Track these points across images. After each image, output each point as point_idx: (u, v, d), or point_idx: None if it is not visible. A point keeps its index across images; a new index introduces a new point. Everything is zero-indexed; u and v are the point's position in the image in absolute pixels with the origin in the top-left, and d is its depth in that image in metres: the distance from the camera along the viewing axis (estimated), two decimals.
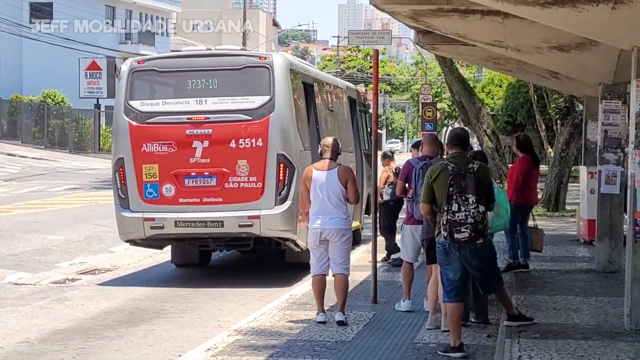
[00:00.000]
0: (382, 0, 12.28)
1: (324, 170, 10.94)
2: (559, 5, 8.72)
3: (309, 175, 11.00)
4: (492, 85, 64.97)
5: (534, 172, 14.52)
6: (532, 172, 14.37)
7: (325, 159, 11.06)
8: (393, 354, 9.50)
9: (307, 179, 11.03)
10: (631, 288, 9.64)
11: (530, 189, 14.36)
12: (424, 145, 11.37)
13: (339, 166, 11.05)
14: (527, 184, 14.22)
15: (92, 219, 23.33)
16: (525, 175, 14.18)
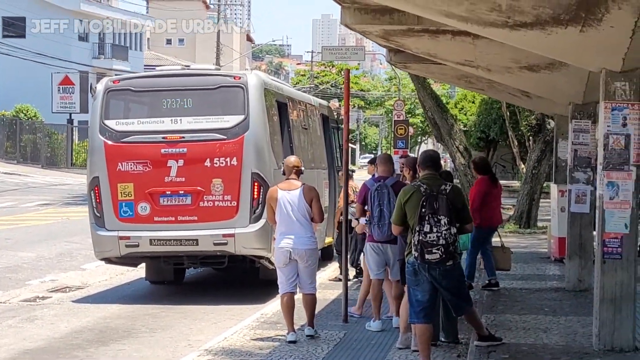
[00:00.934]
0: (354, 20, 12.38)
1: (289, 190, 11.07)
2: (527, 27, 8.80)
3: (274, 196, 11.09)
4: (465, 101, 65.33)
5: (494, 191, 14.66)
6: (491, 191, 14.51)
7: (289, 178, 11.18)
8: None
9: (272, 199, 11.12)
10: (599, 308, 9.72)
11: (492, 209, 14.48)
12: (378, 165, 11.54)
13: (304, 185, 11.15)
14: (489, 204, 14.34)
15: (64, 236, 23.25)
16: (484, 196, 14.30)
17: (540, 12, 8.18)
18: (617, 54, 8.98)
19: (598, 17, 7.97)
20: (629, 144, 9.60)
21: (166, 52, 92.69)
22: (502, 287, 14.49)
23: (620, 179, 9.60)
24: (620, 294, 9.70)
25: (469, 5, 8.39)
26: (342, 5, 12.14)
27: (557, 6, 7.98)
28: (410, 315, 9.34)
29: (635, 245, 9.79)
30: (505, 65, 13.30)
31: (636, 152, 9.63)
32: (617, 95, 9.56)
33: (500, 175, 55.41)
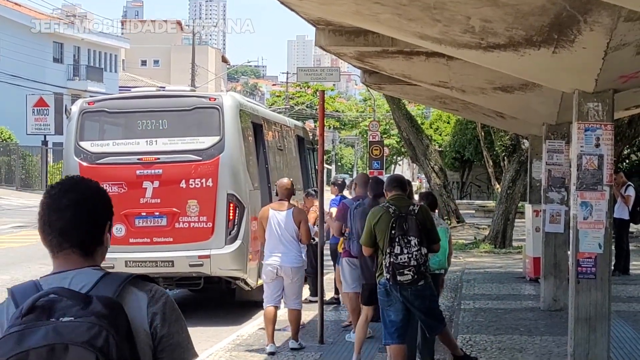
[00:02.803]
0: (328, 42, 12.42)
1: (279, 211, 11.72)
2: (500, 49, 8.86)
3: (266, 215, 11.77)
4: (440, 121, 65.63)
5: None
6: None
7: (281, 200, 11.81)
8: None
9: (263, 218, 11.81)
10: (574, 328, 9.76)
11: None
12: (357, 186, 12.08)
13: (294, 208, 11.83)
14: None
15: (39, 258, 23.07)
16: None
17: (513, 33, 8.24)
18: (590, 75, 9.05)
19: (570, 39, 8.03)
20: (602, 164, 9.67)
21: (141, 74, 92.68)
22: (478, 308, 14.52)
23: (593, 199, 9.66)
24: (595, 313, 9.74)
25: (442, 27, 8.44)
26: (317, 27, 12.18)
27: (529, 28, 8.04)
28: (385, 336, 9.36)
29: (609, 264, 9.85)
30: (480, 86, 13.38)
31: (609, 172, 9.70)
32: (590, 116, 9.63)
33: (476, 195, 55.70)
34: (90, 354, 2.63)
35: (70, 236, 2.92)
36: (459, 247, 25.83)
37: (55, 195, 2.92)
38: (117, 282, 2.88)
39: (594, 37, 7.86)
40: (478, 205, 46.28)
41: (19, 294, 2.83)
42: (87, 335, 2.64)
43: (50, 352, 2.63)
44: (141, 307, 2.85)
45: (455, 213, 33.89)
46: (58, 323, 2.67)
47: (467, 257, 23.56)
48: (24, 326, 2.67)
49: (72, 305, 2.71)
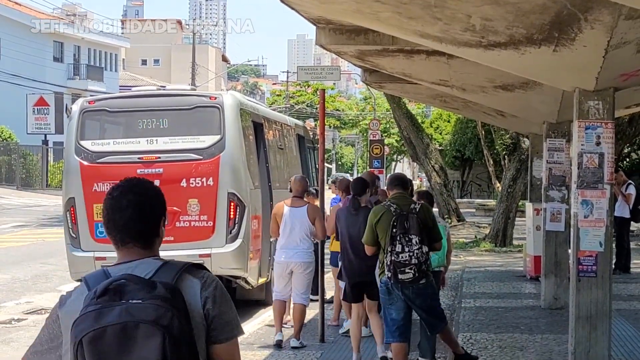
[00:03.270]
0: (329, 41, 12.42)
1: (294, 207, 12.04)
2: (501, 47, 8.86)
3: (280, 211, 12.11)
4: (441, 120, 65.59)
5: None
6: None
7: (295, 196, 12.10)
8: None
9: (278, 214, 12.15)
10: (575, 326, 9.76)
11: None
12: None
13: (308, 205, 12.10)
14: None
15: (39, 257, 23.13)
16: None
17: (514, 32, 8.24)
18: (591, 73, 9.05)
19: (571, 37, 8.03)
20: (602, 162, 9.67)
21: (141, 73, 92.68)
22: (479, 306, 14.51)
23: (594, 197, 9.66)
24: (596, 311, 9.74)
25: (443, 26, 8.44)
26: (317, 26, 12.19)
27: (530, 26, 8.04)
28: (386, 334, 9.38)
29: (610, 263, 9.85)
30: (480, 85, 13.38)
31: (610, 170, 9.70)
32: (590, 114, 9.63)
33: (476, 194, 55.71)
34: (157, 331, 3.07)
35: (130, 232, 3.37)
36: (459, 246, 25.85)
37: (116, 196, 3.39)
38: (175, 270, 3.30)
39: (595, 35, 7.86)
40: (478, 204, 46.30)
41: (91, 279, 3.31)
42: (155, 315, 3.08)
43: (123, 329, 3.07)
44: (195, 291, 3.28)
45: (455, 212, 33.88)
46: (129, 304, 3.10)
47: (467, 256, 23.56)
48: (100, 306, 3.11)
49: (139, 289, 3.14)
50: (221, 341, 3.33)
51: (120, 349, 3.08)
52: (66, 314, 3.31)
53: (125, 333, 3.08)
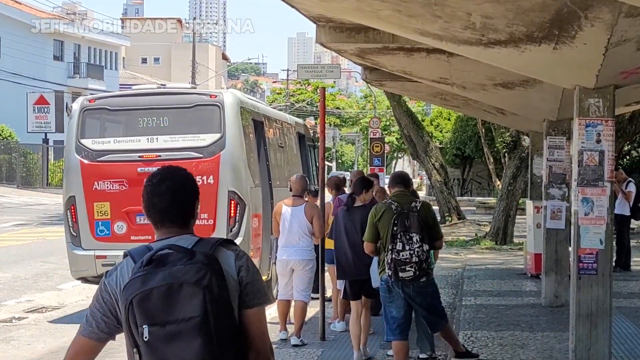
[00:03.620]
0: (329, 39, 12.42)
1: (293, 206, 12.15)
2: (501, 45, 8.86)
3: (279, 210, 12.25)
4: (441, 118, 65.60)
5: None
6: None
7: (294, 195, 12.21)
8: None
9: (277, 213, 12.29)
10: (576, 324, 9.76)
11: None
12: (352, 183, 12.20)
13: (306, 203, 12.16)
14: None
15: (40, 256, 23.14)
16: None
17: (514, 30, 8.24)
18: (591, 71, 9.05)
19: (571, 35, 8.03)
20: (603, 160, 9.67)
21: (141, 71, 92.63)
22: (479, 304, 14.52)
23: (594, 195, 9.66)
24: (596, 309, 9.75)
25: (443, 24, 8.44)
26: (318, 24, 12.19)
27: (530, 24, 8.04)
28: (387, 332, 9.38)
29: (610, 260, 9.85)
30: (480, 83, 13.38)
31: (610, 168, 9.70)
32: (591, 111, 9.63)
33: (477, 192, 55.71)
34: (198, 290, 3.51)
35: (169, 214, 3.84)
36: (460, 244, 25.86)
37: (156, 183, 3.89)
38: (211, 243, 3.74)
39: (595, 33, 7.86)
40: (479, 201, 46.32)
41: (135, 253, 3.76)
42: (196, 277, 3.53)
43: (168, 290, 3.52)
44: (230, 261, 3.71)
45: (456, 210, 33.89)
46: (172, 268, 3.57)
47: (468, 254, 23.56)
48: (145, 272, 3.58)
49: (181, 257, 3.59)
50: (252, 306, 3.72)
51: (165, 307, 3.52)
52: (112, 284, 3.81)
53: (170, 293, 3.52)
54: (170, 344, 3.53)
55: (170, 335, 3.53)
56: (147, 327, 3.54)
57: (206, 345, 3.51)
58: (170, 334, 3.53)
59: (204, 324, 3.51)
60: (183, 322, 3.52)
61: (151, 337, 3.54)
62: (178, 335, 3.52)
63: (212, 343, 3.52)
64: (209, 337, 3.52)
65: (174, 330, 3.52)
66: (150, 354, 3.55)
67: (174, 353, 3.51)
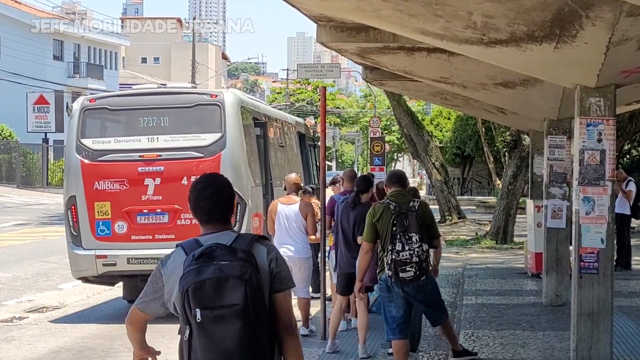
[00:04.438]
0: (329, 38, 12.42)
1: (287, 204, 12.28)
2: (502, 44, 8.86)
3: (275, 209, 12.38)
4: (441, 117, 65.54)
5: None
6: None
7: (289, 194, 12.36)
8: None
9: (272, 211, 12.41)
10: (577, 323, 9.77)
11: None
12: (344, 181, 12.68)
13: (301, 201, 12.25)
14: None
15: (40, 256, 23.15)
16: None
17: (515, 29, 8.24)
18: (592, 70, 9.05)
19: (572, 34, 8.03)
20: (604, 159, 9.67)
21: (141, 71, 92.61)
22: (480, 303, 14.51)
23: (596, 194, 9.66)
24: (598, 308, 9.75)
25: (444, 23, 8.44)
26: (318, 24, 12.18)
27: (531, 23, 8.04)
28: (387, 332, 9.38)
29: (611, 259, 9.85)
30: (481, 82, 13.38)
31: (611, 167, 9.70)
32: (592, 111, 9.63)
33: (477, 191, 55.70)
34: (242, 283, 4.35)
35: (213, 214, 4.63)
36: (460, 243, 25.86)
37: (201, 189, 4.65)
38: (248, 239, 4.56)
39: (596, 32, 7.86)
40: (479, 201, 46.29)
41: (187, 246, 4.56)
42: (239, 272, 4.36)
43: (217, 281, 4.34)
44: (263, 255, 4.54)
45: (456, 209, 33.89)
46: (220, 264, 4.37)
47: (468, 253, 23.56)
48: (198, 265, 4.38)
49: (225, 253, 4.41)
50: (280, 291, 4.57)
51: (215, 295, 4.33)
52: (167, 271, 4.62)
53: (219, 284, 4.33)
54: (217, 324, 4.36)
55: (217, 317, 4.35)
56: (199, 310, 4.36)
57: (245, 326, 4.35)
58: (217, 316, 4.35)
59: (245, 311, 4.34)
60: (228, 308, 4.34)
61: (203, 319, 4.36)
62: (224, 318, 4.35)
63: (249, 324, 4.36)
64: (248, 320, 4.35)
65: (221, 314, 4.35)
66: (201, 331, 4.39)
67: (220, 331, 4.35)
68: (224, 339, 4.37)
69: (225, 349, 4.38)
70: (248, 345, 4.38)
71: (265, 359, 4.49)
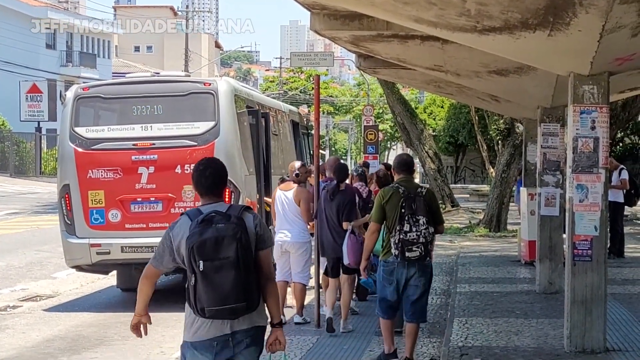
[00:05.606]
0: (323, 26, 12.41)
1: (285, 191, 12.53)
2: (496, 32, 8.86)
3: (274, 195, 12.73)
4: (434, 106, 65.59)
5: None
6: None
7: (287, 181, 12.61)
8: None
9: (273, 198, 12.80)
10: (570, 310, 9.79)
11: None
12: (327, 169, 13.04)
13: (296, 187, 12.43)
14: None
15: (34, 244, 23.13)
16: None
17: (509, 16, 8.24)
18: (585, 57, 9.06)
19: (566, 22, 8.03)
20: (597, 147, 9.69)
21: (134, 59, 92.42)
22: (474, 291, 14.54)
23: (589, 181, 9.68)
24: (591, 296, 9.78)
25: (438, 10, 8.43)
26: (312, 11, 12.16)
27: (525, 11, 8.03)
28: (378, 309, 9.81)
29: (605, 247, 9.87)
30: (474, 70, 13.37)
31: (604, 155, 9.72)
32: (585, 98, 9.65)
33: (470, 180, 55.73)
34: (234, 241, 5.63)
35: (211, 189, 5.96)
36: (454, 231, 25.88)
37: (202, 169, 5.96)
38: (239, 209, 5.88)
39: (590, 20, 7.86)
40: (472, 189, 46.30)
41: (191, 214, 5.85)
42: (232, 232, 5.66)
43: (215, 240, 5.62)
44: (250, 221, 5.86)
45: (449, 197, 33.90)
46: (217, 227, 5.67)
47: (462, 241, 23.59)
48: (201, 228, 5.66)
49: (221, 219, 5.71)
50: (263, 248, 5.89)
51: (214, 251, 5.61)
52: (175, 233, 5.89)
53: (217, 242, 5.62)
54: (216, 272, 5.62)
55: (216, 267, 5.62)
56: (202, 262, 5.61)
57: (237, 274, 5.64)
58: (216, 266, 5.62)
59: (237, 262, 5.63)
60: (224, 260, 5.62)
61: (205, 268, 5.62)
62: (221, 267, 5.62)
63: (240, 272, 5.65)
64: (239, 269, 5.64)
65: (218, 264, 5.62)
66: (204, 278, 5.63)
67: (218, 278, 5.62)
68: (222, 284, 5.64)
69: (222, 291, 5.64)
70: (240, 288, 5.67)
71: (252, 298, 5.78)
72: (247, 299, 5.72)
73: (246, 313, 5.78)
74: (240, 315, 5.77)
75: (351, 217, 11.83)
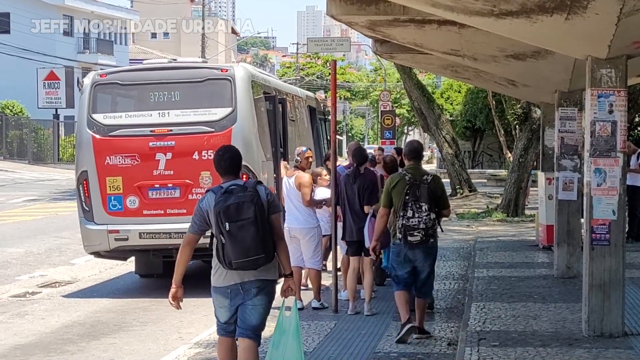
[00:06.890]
0: (339, 11, 12.40)
1: (290, 177, 12.67)
2: (513, 16, 8.84)
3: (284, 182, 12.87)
4: (451, 90, 65.43)
5: None
6: None
7: (295, 167, 12.72)
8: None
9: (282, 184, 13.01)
10: (588, 295, 9.78)
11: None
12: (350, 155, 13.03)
13: (297, 173, 12.54)
14: None
15: (52, 231, 23.22)
16: None
17: (526, 0, 8.21)
18: (603, 41, 9.02)
19: (583, 5, 8.00)
20: (615, 130, 9.66)
21: (151, 46, 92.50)
22: (492, 276, 14.52)
23: (607, 165, 9.65)
24: (609, 280, 9.76)
25: None
26: None
27: None
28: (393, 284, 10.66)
29: (623, 231, 9.85)
30: (491, 54, 13.32)
31: (622, 138, 9.68)
32: (603, 82, 9.61)
33: (487, 164, 55.61)
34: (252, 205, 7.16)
35: (229, 170, 7.43)
36: (471, 216, 25.86)
37: (221, 154, 7.45)
38: (253, 183, 7.36)
39: (607, 3, 7.83)
40: (490, 174, 46.23)
41: (215, 189, 7.30)
42: (250, 199, 7.18)
43: (237, 205, 7.15)
44: (263, 191, 7.33)
45: (467, 182, 33.85)
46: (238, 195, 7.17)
47: (479, 226, 23.56)
48: (225, 197, 7.18)
49: (240, 190, 7.22)
50: (273, 213, 7.39)
51: (237, 213, 7.13)
52: (203, 205, 7.35)
53: (239, 206, 7.14)
54: (240, 231, 7.13)
55: (239, 226, 7.14)
56: (228, 223, 7.14)
57: (257, 231, 7.16)
58: (239, 226, 7.13)
59: (255, 221, 7.15)
60: (245, 220, 7.14)
61: (230, 228, 7.13)
62: (243, 226, 7.14)
63: (259, 230, 7.16)
64: (257, 227, 7.16)
65: (241, 224, 7.13)
66: (230, 236, 7.15)
67: (241, 235, 7.13)
68: (244, 239, 7.14)
69: (245, 245, 7.16)
70: (259, 241, 7.18)
71: (269, 251, 7.29)
72: (266, 251, 7.23)
73: (265, 264, 7.29)
74: (262, 266, 7.27)
75: (372, 201, 11.87)
